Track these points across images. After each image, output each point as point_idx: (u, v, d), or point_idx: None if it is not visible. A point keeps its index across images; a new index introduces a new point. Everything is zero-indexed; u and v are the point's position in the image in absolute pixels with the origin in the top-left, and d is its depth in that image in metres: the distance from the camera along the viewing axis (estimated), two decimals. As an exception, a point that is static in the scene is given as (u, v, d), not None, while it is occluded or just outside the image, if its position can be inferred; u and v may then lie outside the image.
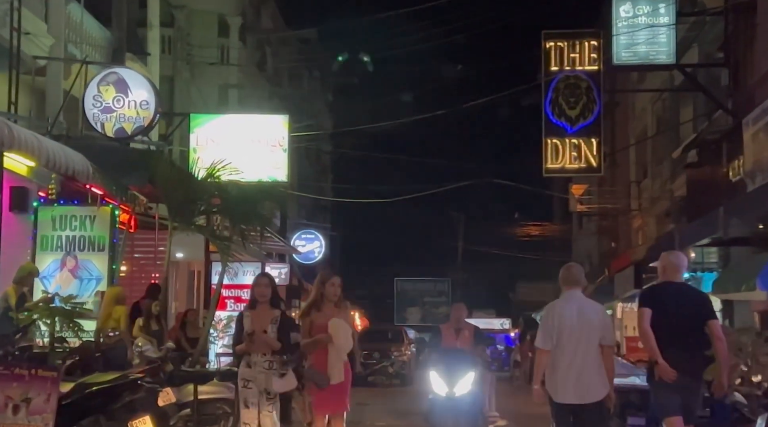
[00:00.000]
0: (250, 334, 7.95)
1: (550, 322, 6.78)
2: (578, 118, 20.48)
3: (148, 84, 14.09)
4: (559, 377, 6.65)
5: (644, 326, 6.64)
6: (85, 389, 7.11)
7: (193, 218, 12.29)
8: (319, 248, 36.97)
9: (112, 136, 13.70)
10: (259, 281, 8.27)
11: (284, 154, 17.94)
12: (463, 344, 11.00)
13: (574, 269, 7.11)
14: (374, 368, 26.19)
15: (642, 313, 6.72)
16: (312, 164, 43.06)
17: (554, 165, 20.72)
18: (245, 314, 8.20)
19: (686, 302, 6.84)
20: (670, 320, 6.67)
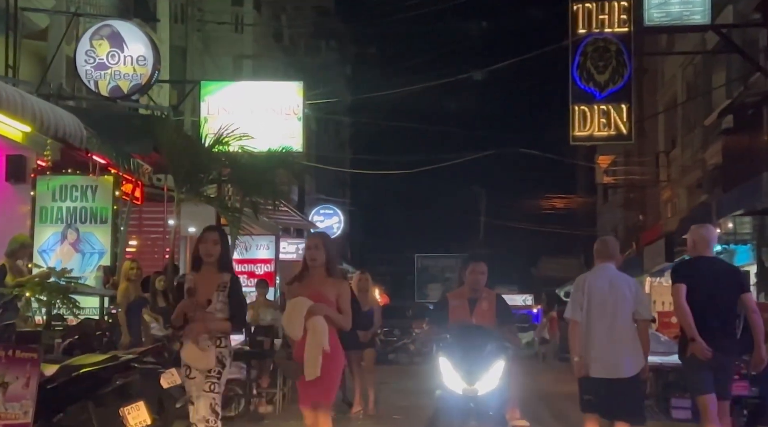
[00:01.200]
0: (192, 293, 6.20)
1: (580, 293, 6.74)
2: (607, 83, 19.45)
3: (145, 38, 13.04)
4: (591, 350, 6.59)
5: (681, 301, 6.53)
6: (72, 372, 6.40)
7: (201, 188, 11.55)
8: (338, 223, 36.33)
9: (106, 94, 12.75)
10: (206, 237, 6.39)
11: (299, 122, 17.17)
12: (482, 320, 7.32)
13: (609, 242, 7.09)
14: (395, 345, 25.59)
15: (678, 288, 6.60)
16: (330, 138, 42.29)
17: (582, 133, 19.74)
18: (187, 278, 6.50)
19: (719, 276, 6.74)
20: (703, 295, 6.58)
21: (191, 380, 6.36)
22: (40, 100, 8.18)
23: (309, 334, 6.08)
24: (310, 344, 6.07)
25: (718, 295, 6.61)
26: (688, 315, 6.49)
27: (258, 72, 26.91)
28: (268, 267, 15.51)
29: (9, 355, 5.85)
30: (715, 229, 7.57)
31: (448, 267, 55.28)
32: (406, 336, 25.89)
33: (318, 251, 6.22)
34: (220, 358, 6.35)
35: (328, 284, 6.22)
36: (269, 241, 15.55)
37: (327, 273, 6.24)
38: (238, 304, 6.42)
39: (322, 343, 6.06)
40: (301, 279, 6.31)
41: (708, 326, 6.50)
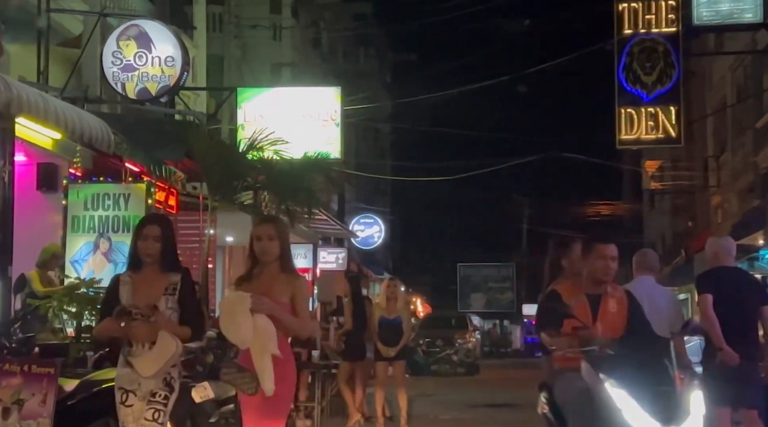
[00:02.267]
0: (124, 313, 4.95)
1: None
2: (655, 85, 18.84)
3: (173, 38, 12.62)
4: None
5: (709, 311, 6.65)
6: (93, 388, 6.03)
7: (235, 195, 11.23)
8: (378, 232, 35.96)
9: (134, 97, 12.40)
10: (146, 232, 5.13)
11: (337, 128, 16.78)
12: (610, 326, 5.31)
13: (649, 254, 7.12)
14: (437, 356, 25.12)
15: (704, 299, 6.72)
16: (370, 146, 41.98)
17: (629, 136, 19.13)
18: (122, 280, 5.17)
19: (742, 286, 6.93)
20: (727, 304, 6.72)
21: (127, 408, 5.02)
22: (65, 103, 7.88)
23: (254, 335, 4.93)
24: (256, 349, 4.87)
25: (741, 303, 6.76)
26: (716, 324, 6.60)
27: (296, 79, 26.68)
28: (306, 276, 15.13)
29: (25, 370, 5.49)
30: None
31: (491, 276, 54.68)
32: (449, 346, 25.40)
33: (271, 243, 5.04)
34: (168, 379, 5.06)
35: (280, 282, 5.04)
36: (307, 250, 15.17)
37: (281, 269, 5.08)
38: (194, 309, 5.19)
39: (269, 347, 4.86)
40: (249, 278, 5.11)
41: (732, 334, 6.64)
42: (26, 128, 8.87)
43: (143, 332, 4.97)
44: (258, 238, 5.11)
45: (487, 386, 20.29)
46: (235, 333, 4.95)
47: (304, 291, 5.18)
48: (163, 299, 5.06)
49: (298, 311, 5.05)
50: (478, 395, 17.52)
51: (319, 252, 25.64)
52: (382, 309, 11.33)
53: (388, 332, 11.28)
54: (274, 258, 5.06)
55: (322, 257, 25.49)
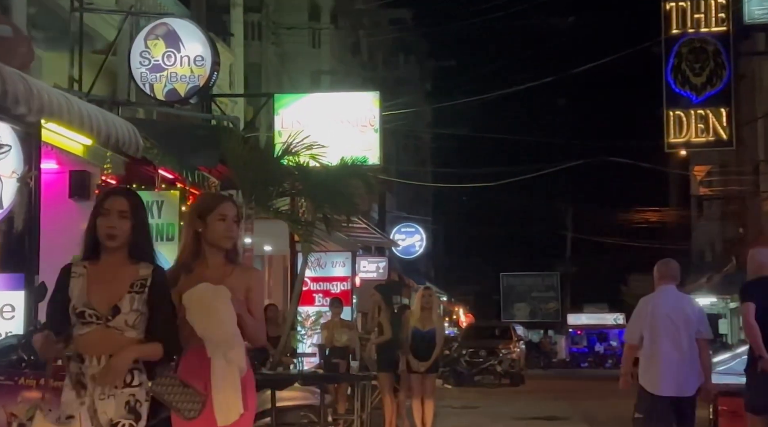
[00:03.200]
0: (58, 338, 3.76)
1: (642, 317, 6.89)
2: (705, 86, 18.21)
3: (202, 36, 12.25)
4: (659, 370, 6.73)
5: (750, 320, 6.71)
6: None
7: (270, 202, 10.89)
8: (419, 241, 35.53)
9: (162, 98, 12.06)
10: (109, 205, 3.87)
11: (376, 134, 16.40)
12: None
13: (672, 263, 7.20)
14: (481, 367, 24.63)
15: (747, 307, 6.79)
16: (411, 155, 41.60)
17: (678, 139, 18.53)
18: (74, 271, 3.89)
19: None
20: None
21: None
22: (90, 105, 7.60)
23: (207, 342, 3.84)
24: (218, 360, 3.81)
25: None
26: (758, 333, 6.65)
27: (335, 87, 26.39)
28: (345, 285, 14.77)
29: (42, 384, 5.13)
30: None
31: (535, 286, 53.93)
32: (493, 357, 24.88)
33: (233, 226, 4.04)
34: (132, 403, 3.79)
35: (233, 276, 3.99)
36: (345, 258, 14.81)
37: (227, 259, 4.04)
38: (168, 316, 3.84)
39: (233, 357, 3.84)
40: (190, 268, 4.01)
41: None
42: (57, 134, 8.63)
43: (99, 342, 3.74)
44: (221, 217, 4.01)
45: (533, 398, 19.78)
46: (217, 326, 3.82)
47: (261, 288, 4.16)
48: (127, 298, 3.77)
49: (254, 313, 3.99)
50: (524, 407, 17.03)
51: (360, 261, 25.34)
52: (416, 319, 10.83)
53: (420, 344, 10.80)
54: (230, 245, 4.04)
55: (363, 267, 25.14)
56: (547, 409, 16.62)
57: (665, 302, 6.86)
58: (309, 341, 14.05)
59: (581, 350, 51.61)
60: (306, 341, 14.09)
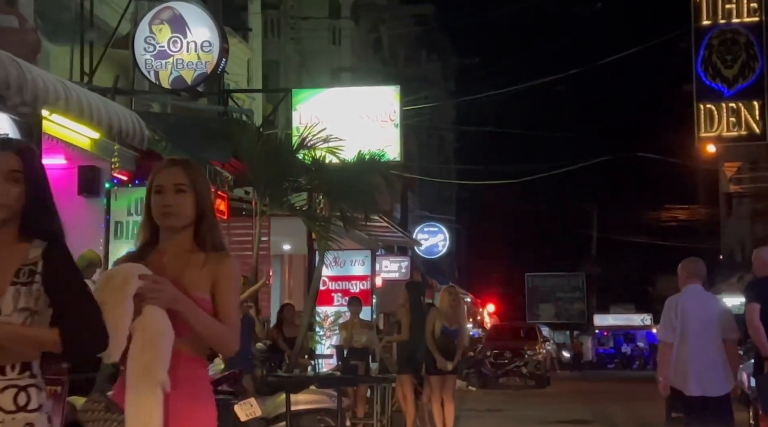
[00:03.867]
0: None
1: (672, 315, 6.88)
2: (737, 79, 17.63)
3: (210, 20, 11.66)
4: (687, 370, 6.74)
5: (756, 321, 6.67)
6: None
7: (285, 198, 10.49)
8: (443, 241, 35.03)
9: (168, 86, 11.58)
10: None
11: (396, 129, 15.97)
12: None
13: (698, 262, 7.20)
14: (506, 368, 24.11)
15: (752, 308, 6.75)
16: (434, 154, 41.14)
17: (708, 133, 17.95)
18: None
19: None
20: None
21: None
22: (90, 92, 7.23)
23: (133, 345, 2.82)
24: (134, 372, 2.81)
25: None
26: (762, 334, 6.63)
27: (356, 84, 25.88)
28: (364, 284, 14.32)
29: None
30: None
31: (560, 286, 53.26)
32: (518, 358, 24.34)
33: (181, 198, 3.03)
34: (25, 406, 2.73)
35: (197, 265, 3.01)
36: (365, 256, 14.34)
37: (196, 242, 3.06)
38: (75, 304, 2.74)
39: (154, 371, 2.80)
40: (141, 255, 3.09)
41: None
42: (62, 127, 8.29)
43: None
44: (158, 190, 3.04)
45: (559, 401, 19.28)
46: (115, 324, 2.79)
47: (233, 280, 3.07)
48: (10, 293, 2.72)
49: (222, 312, 2.97)
50: (549, 411, 16.54)
51: (381, 261, 24.89)
52: (443, 318, 10.40)
53: (447, 343, 10.37)
54: (185, 222, 3.02)
55: (385, 266, 24.71)
56: (573, 412, 16.18)
57: (692, 302, 6.84)
58: (327, 342, 13.63)
59: (608, 351, 51.06)
60: (324, 341, 13.67)
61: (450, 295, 10.61)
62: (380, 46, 30.08)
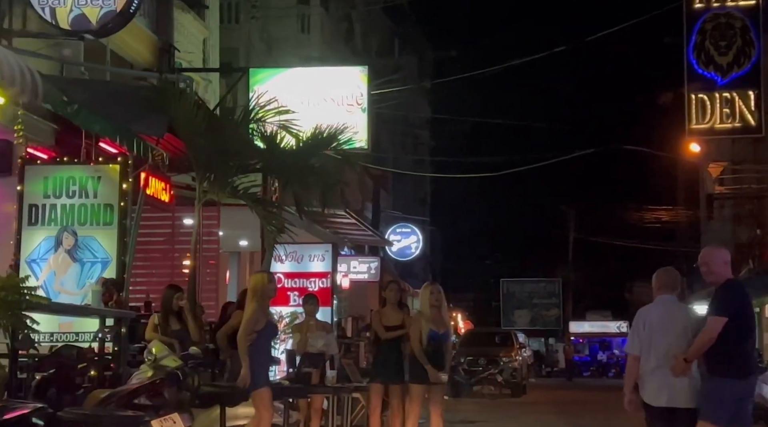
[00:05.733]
0: None
1: (640, 326, 6.73)
2: (731, 67, 16.46)
3: None
4: (653, 380, 6.58)
5: (715, 333, 6.41)
6: None
7: (229, 179, 9.10)
8: (416, 242, 33.87)
9: (68, 27, 9.97)
10: None
11: (363, 114, 14.62)
12: None
13: (671, 272, 6.98)
14: (480, 376, 22.82)
15: (718, 321, 6.43)
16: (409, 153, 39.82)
17: (700, 125, 16.72)
18: None
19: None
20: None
21: None
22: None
23: None
24: None
25: None
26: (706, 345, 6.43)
27: (326, 75, 24.59)
28: (324, 282, 12.83)
29: None
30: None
31: (536, 292, 52.21)
32: (493, 365, 23.08)
33: None
34: None
35: None
36: (325, 250, 12.89)
37: None
38: None
39: None
40: None
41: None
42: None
43: None
44: None
45: (535, 411, 18.15)
46: None
47: None
48: None
49: None
50: (528, 422, 15.27)
51: (350, 261, 23.52)
52: (428, 320, 8.92)
53: (436, 350, 8.92)
54: None
55: (353, 267, 23.38)
56: (551, 424, 15.25)
57: (661, 313, 6.66)
58: (282, 347, 12.18)
59: (583, 359, 50.28)
60: (279, 346, 12.21)
61: (432, 293, 9.11)
62: (352, 36, 28.72)
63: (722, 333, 6.28)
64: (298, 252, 12.77)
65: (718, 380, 6.31)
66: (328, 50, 25.78)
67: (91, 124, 7.63)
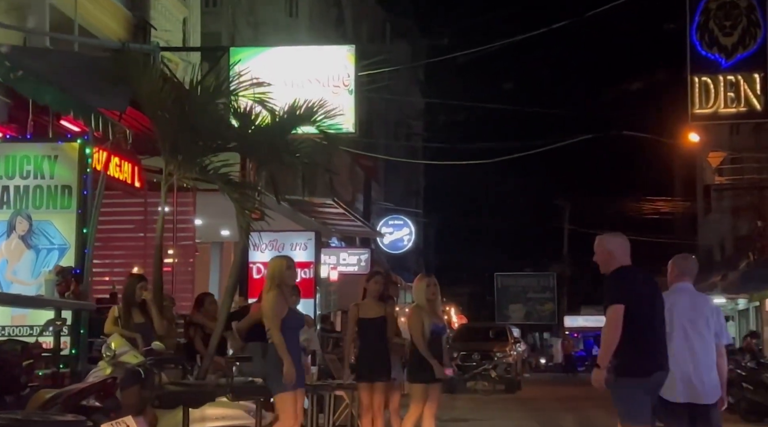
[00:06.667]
0: None
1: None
2: (736, 48, 15.70)
3: None
4: (675, 375, 6.12)
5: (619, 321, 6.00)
6: None
7: (199, 159, 8.33)
8: (408, 235, 33.15)
9: None
10: None
11: (350, 96, 13.83)
12: None
13: (691, 259, 6.82)
14: (473, 371, 22.16)
15: (617, 309, 5.97)
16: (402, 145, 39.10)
17: (703, 110, 15.96)
18: None
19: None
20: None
21: None
22: None
23: None
24: None
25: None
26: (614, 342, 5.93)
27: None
28: (306, 273, 12.01)
29: None
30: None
31: (531, 286, 51.61)
32: (487, 360, 22.43)
33: None
34: None
35: None
36: (307, 239, 12.08)
37: None
38: None
39: None
40: None
41: None
42: None
43: None
44: None
45: (530, 407, 17.56)
46: None
47: None
48: None
49: None
50: (523, 419, 14.64)
51: (339, 253, 22.79)
52: (427, 314, 8.27)
53: (437, 345, 8.26)
54: None
55: (342, 259, 22.65)
56: (547, 421, 14.67)
57: (683, 303, 6.40)
58: (260, 342, 11.42)
59: (578, 354, 49.80)
60: (257, 341, 11.46)
61: (429, 286, 8.43)
62: (342, 21, 27.93)
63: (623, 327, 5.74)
64: (278, 240, 12.01)
65: (624, 381, 5.75)
66: (317, 36, 25.01)
67: (40, 95, 6.88)
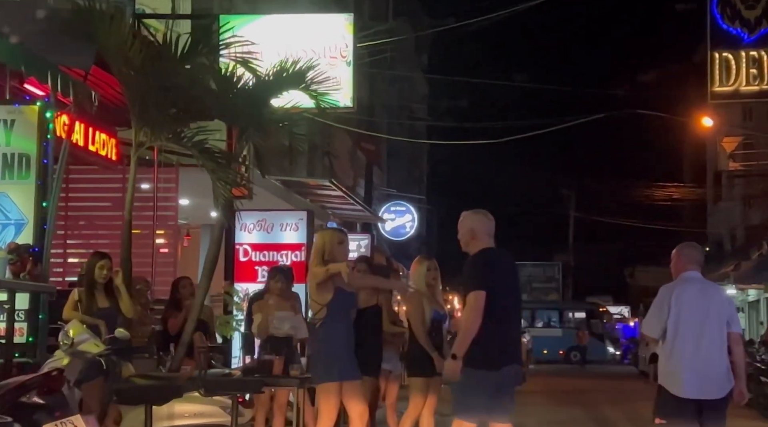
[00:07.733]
0: None
1: (665, 307, 6.11)
2: (759, 22, 14.85)
3: None
4: (682, 368, 6.02)
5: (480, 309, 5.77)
6: None
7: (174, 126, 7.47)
8: (410, 221, 32.35)
9: None
10: None
11: (348, 68, 12.98)
12: None
13: (697, 248, 6.54)
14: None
15: (479, 296, 5.83)
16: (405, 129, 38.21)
17: (724, 88, 15.09)
18: None
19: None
20: None
21: None
22: None
23: None
24: None
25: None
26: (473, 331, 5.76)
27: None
28: (297, 256, 11.16)
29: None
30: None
31: (535, 276, 50.80)
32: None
33: None
34: None
35: None
36: (299, 219, 11.22)
37: None
38: None
39: None
40: None
41: None
42: None
43: None
44: None
45: (536, 400, 16.96)
46: None
47: None
48: None
49: None
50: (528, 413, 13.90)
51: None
52: (429, 299, 7.49)
53: (437, 334, 7.52)
54: None
55: (341, 244, 21.80)
56: (555, 414, 14.24)
57: (691, 292, 6.19)
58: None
59: (582, 346, 49.12)
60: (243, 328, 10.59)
61: (429, 270, 7.67)
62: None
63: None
64: (267, 220, 11.13)
65: (470, 372, 5.62)
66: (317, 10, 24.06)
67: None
